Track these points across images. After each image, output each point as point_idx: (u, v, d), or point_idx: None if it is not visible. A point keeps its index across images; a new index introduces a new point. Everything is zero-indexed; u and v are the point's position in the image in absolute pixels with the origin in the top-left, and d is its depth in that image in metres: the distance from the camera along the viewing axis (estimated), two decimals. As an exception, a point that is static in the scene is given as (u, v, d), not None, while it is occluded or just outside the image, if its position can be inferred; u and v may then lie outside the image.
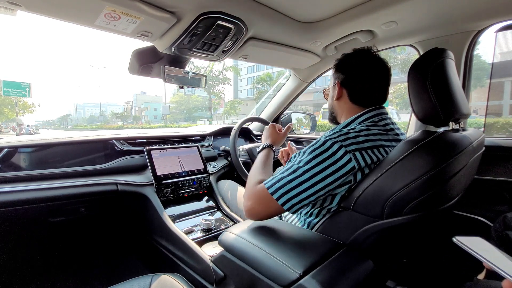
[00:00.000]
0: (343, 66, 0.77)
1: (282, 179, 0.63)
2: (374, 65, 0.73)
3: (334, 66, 0.80)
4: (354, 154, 0.61)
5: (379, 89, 0.74)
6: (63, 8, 0.75)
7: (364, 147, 0.63)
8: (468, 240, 0.40)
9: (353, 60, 0.76)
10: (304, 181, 0.61)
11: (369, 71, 0.73)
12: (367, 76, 0.73)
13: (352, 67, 0.75)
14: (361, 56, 0.75)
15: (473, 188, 0.96)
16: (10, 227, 1.00)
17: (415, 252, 0.88)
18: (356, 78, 0.74)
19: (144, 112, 56.24)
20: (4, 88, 14.45)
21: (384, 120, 0.72)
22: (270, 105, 1.89)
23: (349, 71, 0.75)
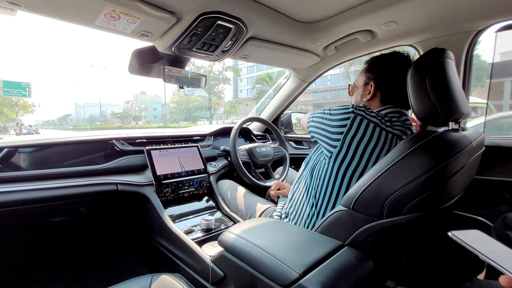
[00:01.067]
0: (378, 67, 0.81)
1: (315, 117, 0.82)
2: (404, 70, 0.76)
3: (368, 66, 0.84)
4: (355, 117, 0.69)
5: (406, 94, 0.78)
6: (63, 8, 0.75)
7: (370, 119, 0.69)
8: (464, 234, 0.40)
9: (387, 62, 0.81)
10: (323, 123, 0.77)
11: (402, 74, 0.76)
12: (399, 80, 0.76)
13: (386, 69, 0.80)
14: (396, 59, 0.80)
15: (473, 188, 0.96)
16: (10, 227, 1.00)
17: (415, 252, 0.88)
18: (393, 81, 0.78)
19: (144, 112, 56.25)
20: (4, 88, 14.45)
21: (404, 115, 0.78)
22: (270, 105, 1.89)
23: (384, 73, 0.80)
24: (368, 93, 0.82)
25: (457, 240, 0.39)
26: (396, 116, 0.77)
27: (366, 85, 0.83)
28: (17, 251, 1.12)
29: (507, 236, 0.71)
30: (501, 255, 0.36)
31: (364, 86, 0.84)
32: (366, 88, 0.83)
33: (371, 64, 0.84)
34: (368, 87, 0.82)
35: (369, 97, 0.82)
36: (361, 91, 0.86)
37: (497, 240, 0.41)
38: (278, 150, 1.58)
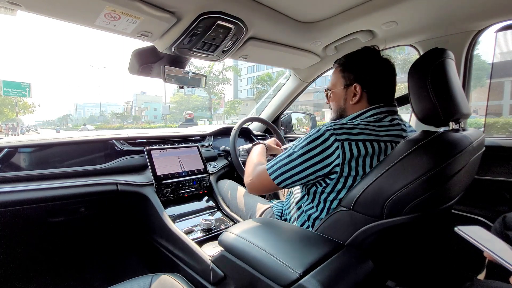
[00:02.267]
0: (356, 67, 0.75)
1: (279, 162, 0.73)
2: (385, 63, 0.74)
3: (343, 66, 0.77)
4: (343, 144, 0.63)
5: (392, 86, 0.75)
6: (63, 8, 0.75)
7: (356, 138, 0.64)
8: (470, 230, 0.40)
9: (364, 60, 0.75)
10: (297, 165, 0.69)
11: (383, 69, 0.74)
12: (382, 75, 0.74)
13: (366, 66, 0.74)
14: (370, 55, 0.75)
15: (473, 188, 0.96)
16: (10, 227, 1.00)
17: (415, 252, 0.88)
18: (373, 78, 0.73)
19: (144, 112, 56.25)
20: (4, 88, 14.45)
21: (391, 115, 0.73)
22: (270, 105, 1.89)
23: (364, 72, 0.73)
24: (353, 95, 0.75)
25: (463, 236, 0.40)
26: (382, 117, 0.71)
27: (347, 87, 0.76)
28: (17, 251, 1.12)
29: (507, 236, 0.71)
30: (506, 253, 0.37)
31: (345, 89, 0.76)
32: (349, 90, 0.75)
33: (345, 64, 0.77)
34: (352, 89, 0.74)
35: (355, 99, 0.74)
36: (343, 95, 0.77)
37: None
38: None
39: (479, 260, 0.90)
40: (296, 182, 0.70)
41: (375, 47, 0.76)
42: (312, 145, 0.66)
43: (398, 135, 0.70)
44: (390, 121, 0.71)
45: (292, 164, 0.70)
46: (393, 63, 0.75)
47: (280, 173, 0.72)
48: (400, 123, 0.73)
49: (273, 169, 0.74)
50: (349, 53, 0.78)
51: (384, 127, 0.69)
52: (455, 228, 0.42)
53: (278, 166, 0.73)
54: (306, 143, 0.68)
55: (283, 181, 0.72)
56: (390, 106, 0.74)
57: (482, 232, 0.41)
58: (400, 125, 0.72)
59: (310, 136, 0.68)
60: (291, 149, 0.71)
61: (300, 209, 0.82)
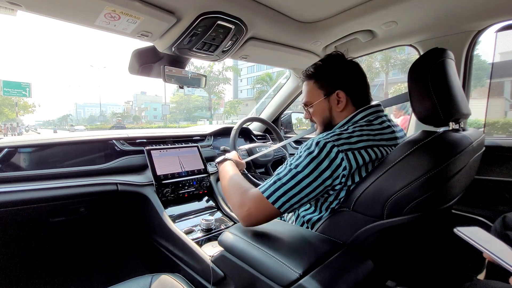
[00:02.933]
0: (330, 74, 0.74)
1: (277, 182, 0.63)
2: (353, 64, 0.75)
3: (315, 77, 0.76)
4: (347, 154, 0.61)
5: (368, 86, 0.76)
6: (63, 8, 0.75)
7: (357, 147, 0.63)
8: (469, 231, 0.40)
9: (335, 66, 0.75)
10: (306, 185, 0.61)
11: (355, 70, 0.74)
12: (358, 78, 0.75)
13: (340, 72, 0.74)
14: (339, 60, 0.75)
15: (473, 188, 0.96)
16: (10, 227, 1.00)
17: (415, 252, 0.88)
18: (351, 80, 0.74)
19: (144, 112, 56.23)
20: (4, 88, 14.45)
21: (380, 118, 0.72)
22: (270, 105, 1.89)
23: (341, 77, 0.73)
24: (337, 102, 0.73)
25: (463, 237, 0.40)
26: (372, 119, 0.71)
27: (328, 96, 0.74)
28: (18, 250, 1.12)
29: (507, 236, 0.71)
30: (505, 253, 0.37)
31: (326, 98, 0.74)
32: (332, 99, 0.74)
33: (318, 74, 0.76)
34: (335, 97, 0.73)
35: (342, 107, 0.72)
36: (326, 105, 0.75)
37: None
38: (278, 150, 1.58)
39: (479, 260, 0.90)
40: (299, 202, 0.63)
41: (338, 52, 0.77)
42: (317, 161, 0.61)
43: (391, 138, 0.70)
44: (380, 124, 0.70)
45: (301, 186, 0.61)
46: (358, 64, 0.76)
47: (280, 195, 0.62)
48: (390, 124, 0.73)
49: (270, 191, 0.63)
50: (315, 63, 0.77)
51: (377, 131, 0.68)
52: (454, 229, 0.42)
53: (275, 187, 0.63)
54: (309, 160, 0.62)
55: (291, 207, 0.62)
56: (375, 106, 0.74)
57: (481, 233, 0.42)
58: (391, 127, 0.72)
59: (312, 152, 0.62)
60: (292, 170, 0.63)
61: (298, 215, 0.81)
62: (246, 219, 0.66)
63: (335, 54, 0.76)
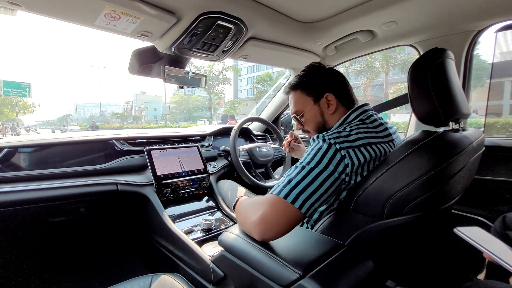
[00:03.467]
0: (316, 80, 0.78)
1: (291, 181, 0.59)
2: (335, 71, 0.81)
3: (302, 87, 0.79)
4: (348, 152, 0.61)
5: (351, 89, 0.80)
6: (63, 8, 0.75)
7: (357, 145, 0.63)
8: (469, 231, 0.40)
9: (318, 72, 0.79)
10: (314, 178, 0.58)
11: (336, 74, 0.79)
12: (341, 81, 0.79)
13: (325, 77, 0.78)
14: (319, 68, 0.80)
15: (473, 188, 0.96)
16: (10, 227, 1.00)
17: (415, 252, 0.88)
18: (337, 83, 0.78)
19: (144, 112, 56.23)
20: (4, 88, 14.45)
21: (371, 116, 0.73)
22: (270, 105, 1.89)
23: (327, 81, 0.78)
24: (328, 106, 0.75)
25: (463, 236, 0.40)
26: (364, 118, 0.72)
27: (318, 101, 0.76)
28: (18, 251, 1.12)
29: (507, 236, 0.71)
30: (505, 253, 0.37)
31: (316, 104, 0.77)
32: (322, 103, 0.76)
33: (303, 83, 0.79)
34: (324, 101, 0.75)
35: (333, 109, 0.75)
36: (317, 111, 0.77)
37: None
38: (278, 150, 1.58)
39: (479, 260, 0.90)
40: (317, 199, 0.58)
41: (315, 63, 0.82)
42: (320, 154, 0.60)
43: (386, 135, 0.71)
44: (372, 122, 0.71)
45: (319, 180, 0.58)
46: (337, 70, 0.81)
47: (307, 196, 0.56)
48: (381, 122, 0.74)
49: (293, 194, 0.57)
50: (297, 75, 0.82)
51: (372, 129, 0.69)
52: (454, 229, 0.42)
53: (300, 188, 0.57)
54: (322, 154, 0.61)
55: (311, 206, 0.57)
56: (364, 105, 0.76)
57: (481, 233, 0.42)
58: (383, 125, 0.73)
59: (321, 147, 0.62)
60: (306, 167, 0.60)
61: None
62: (259, 228, 0.57)
63: (314, 64, 0.82)
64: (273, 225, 0.57)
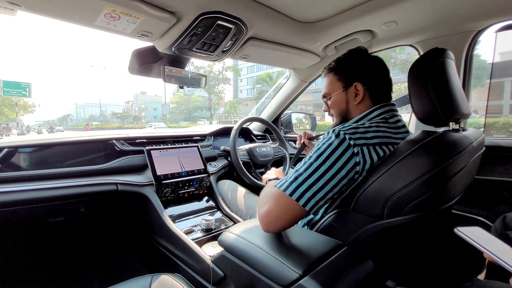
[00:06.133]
0: (351, 67, 0.74)
1: (298, 177, 0.60)
2: (377, 60, 0.74)
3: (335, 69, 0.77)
4: (362, 149, 0.60)
5: (389, 82, 0.75)
6: (63, 8, 0.75)
7: (372, 143, 0.62)
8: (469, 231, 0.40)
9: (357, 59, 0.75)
10: (322, 175, 0.58)
11: (377, 66, 0.73)
12: (379, 73, 0.73)
13: (361, 65, 0.73)
14: (361, 54, 0.75)
15: (473, 188, 0.95)
16: (10, 227, 1.00)
17: (415, 252, 0.88)
18: (371, 75, 0.73)
19: (144, 112, 56.22)
20: (4, 88, 14.44)
21: (395, 116, 0.72)
22: (270, 105, 1.89)
23: (361, 70, 0.73)
24: (355, 95, 0.73)
25: (463, 237, 0.40)
26: (387, 117, 0.70)
27: (347, 88, 0.74)
28: (17, 250, 1.12)
29: (507, 236, 0.71)
30: (506, 253, 0.37)
31: (344, 91, 0.75)
32: (350, 91, 0.74)
33: (339, 66, 0.76)
34: (353, 89, 0.73)
35: (359, 99, 0.72)
36: (344, 97, 0.75)
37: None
38: (278, 150, 1.58)
39: (479, 260, 0.90)
40: (322, 197, 0.59)
41: (361, 47, 0.76)
42: (338, 151, 0.59)
43: (403, 137, 0.69)
44: (395, 122, 0.70)
45: (325, 178, 0.58)
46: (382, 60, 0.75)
47: (312, 194, 0.58)
48: (404, 124, 0.73)
49: (293, 188, 0.59)
50: (338, 57, 0.78)
51: (393, 129, 0.68)
52: (454, 229, 0.42)
53: (306, 186, 0.58)
54: (330, 151, 0.59)
55: (316, 203, 0.58)
56: (392, 105, 0.74)
57: (482, 233, 0.42)
58: (405, 127, 0.72)
59: (332, 143, 0.60)
60: (314, 163, 0.60)
61: None
62: (265, 220, 0.61)
63: (358, 48, 0.76)
64: (277, 220, 0.61)
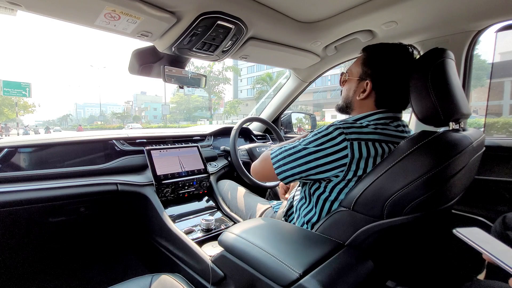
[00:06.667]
0: (377, 61, 0.70)
1: (284, 152, 0.71)
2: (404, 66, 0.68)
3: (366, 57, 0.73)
4: (352, 143, 0.62)
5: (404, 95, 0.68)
6: (63, 8, 0.75)
7: (366, 138, 0.63)
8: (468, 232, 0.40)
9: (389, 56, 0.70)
10: (300, 157, 0.67)
11: (402, 72, 0.67)
12: (398, 78, 0.68)
13: (387, 66, 0.69)
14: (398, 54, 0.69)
15: (473, 188, 0.96)
16: (10, 227, 1.00)
17: (415, 252, 0.88)
18: (390, 80, 0.69)
19: (144, 112, 56.23)
20: (4, 88, 14.42)
21: (396, 121, 0.71)
22: (270, 105, 1.89)
23: (383, 71, 0.69)
24: (362, 90, 0.72)
25: (462, 238, 0.40)
26: (388, 122, 0.69)
27: (361, 80, 0.72)
28: (17, 250, 1.12)
29: (507, 236, 0.71)
30: (505, 254, 0.37)
31: (358, 81, 0.73)
32: (361, 84, 0.72)
33: (370, 55, 0.72)
34: (363, 84, 0.71)
35: (363, 96, 0.72)
36: (354, 86, 0.74)
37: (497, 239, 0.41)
38: None
39: (479, 260, 0.90)
40: (295, 176, 0.69)
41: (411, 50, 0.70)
42: (319, 141, 0.65)
43: (403, 137, 0.69)
44: (396, 127, 0.69)
45: (295, 156, 0.68)
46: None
47: (283, 164, 0.70)
48: (404, 129, 0.72)
49: (277, 158, 0.72)
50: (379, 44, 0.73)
51: (394, 131, 0.68)
52: (453, 230, 0.42)
53: (282, 156, 0.71)
54: (313, 138, 0.66)
55: (283, 173, 0.70)
56: (396, 112, 0.71)
57: (481, 234, 0.42)
58: (405, 132, 0.71)
59: (319, 132, 0.66)
60: (299, 145, 0.69)
61: (297, 212, 0.81)
62: (253, 172, 0.83)
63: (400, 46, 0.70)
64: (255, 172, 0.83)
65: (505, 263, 0.34)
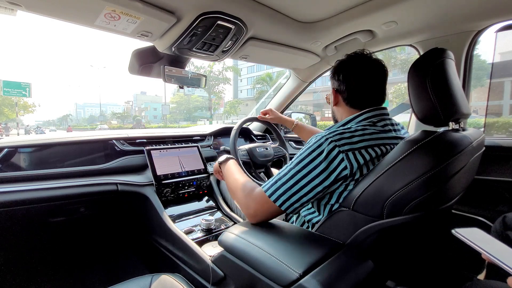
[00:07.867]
0: (338, 72, 0.77)
1: (278, 181, 0.65)
2: (368, 67, 0.73)
3: (331, 73, 0.81)
4: (347, 155, 0.61)
5: (375, 91, 0.74)
6: (63, 8, 0.75)
7: (358, 147, 0.63)
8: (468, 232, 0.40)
9: (347, 66, 0.76)
10: (298, 180, 0.63)
11: (363, 73, 0.73)
12: (361, 79, 0.73)
13: (345, 72, 0.75)
14: (355, 60, 0.75)
15: (473, 188, 0.96)
16: (10, 227, 1.00)
17: (415, 252, 0.88)
18: (350, 82, 0.74)
19: (144, 112, 56.21)
20: (4, 88, 14.42)
21: (383, 121, 0.72)
22: (270, 105, 1.89)
23: (343, 77, 0.76)
24: (334, 99, 0.80)
25: (461, 238, 0.40)
26: (375, 120, 0.71)
27: (333, 90, 0.80)
28: (17, 251, 1.12)
29: (507, 236, 0.71)
30: (504, 254, 0.37)
31: (333, 90, 0.80)
32: (331, 94, 0.81)
33: (336, 68, 0.79)
34: (333, 93, 0.79)
35: (335, 103, 0.79)
36: (331, 97, 0.82)
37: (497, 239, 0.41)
38: (278, 150, 1.58)
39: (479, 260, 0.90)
40: (301, 199, 0.63)
41: (364, 51, 0.76)
42: (312, 156, 0.63)
43: (393, 137, 0.70)
44: (383, 126, 0.71)
45: (299, 185, 0.62)
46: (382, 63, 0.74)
47: (281, 193, 0.64)
48: (391, 128, 0.72)
49: (272, 190, 0.65)
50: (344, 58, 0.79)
51: (382, 132, 0.68)
52: (452, 231, 0.42)
53: (277, 186, 0.64)
54: (306, 154, 0.63)
55: (290, 205, 0.64)
56: (381, 109, 0.74)
57: (480, 234, 0.42)
58: (391, 132, 0.71)
59: (313, 151, 0.63)
60: (292, 169, 0.64)
61: (299, 215, 0.81)
62: (253, 218, 0.71)
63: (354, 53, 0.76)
64: (260, 217, 0.70)
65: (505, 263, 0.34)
